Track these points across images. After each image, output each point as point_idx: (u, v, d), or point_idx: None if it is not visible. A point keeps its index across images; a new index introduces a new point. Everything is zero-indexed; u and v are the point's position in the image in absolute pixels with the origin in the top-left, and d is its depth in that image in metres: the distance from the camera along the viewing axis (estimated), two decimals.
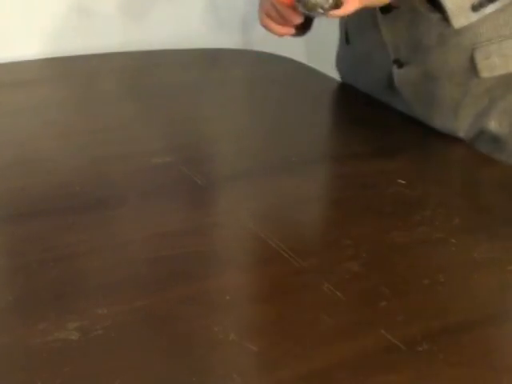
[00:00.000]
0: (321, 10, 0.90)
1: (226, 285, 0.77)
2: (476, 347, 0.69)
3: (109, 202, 0.90)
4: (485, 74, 1.04)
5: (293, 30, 0.99)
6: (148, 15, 1.52)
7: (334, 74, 1.40)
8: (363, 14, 0.97)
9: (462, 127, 1.08)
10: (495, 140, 1.07)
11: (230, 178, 0.98)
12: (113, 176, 0.98)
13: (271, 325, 0.71)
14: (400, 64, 1.03)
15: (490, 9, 0.95)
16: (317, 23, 1.03)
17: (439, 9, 0.96)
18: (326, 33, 1.18)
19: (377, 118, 1.17)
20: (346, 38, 1.20)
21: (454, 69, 1.02)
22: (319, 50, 1.58)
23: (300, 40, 1.13)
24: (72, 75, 1.35)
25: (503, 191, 0.98)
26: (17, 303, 0.72)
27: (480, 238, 0.85)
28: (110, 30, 1.48)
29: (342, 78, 1.30)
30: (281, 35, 1.00)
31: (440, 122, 1.09)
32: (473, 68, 1.03)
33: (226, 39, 1.58)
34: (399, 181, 0.97)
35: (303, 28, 1.01)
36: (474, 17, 0.95)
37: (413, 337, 0.68)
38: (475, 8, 0.94)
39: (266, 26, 1.00)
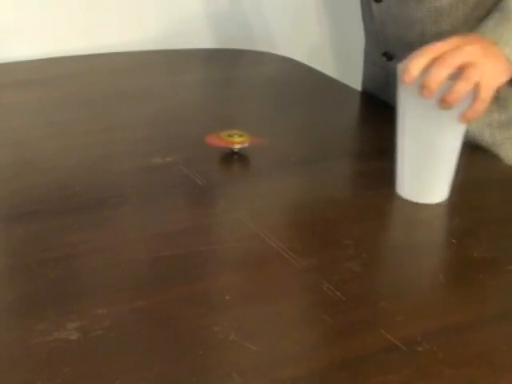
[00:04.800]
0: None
1: (225, 285, 0.77)
2: (476, 347, 0.68)
3: (109, 202, 0.90)
4: None
5: None
6: (148, 15, 1.53)
7: (334, 74, 1.41)
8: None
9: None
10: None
11: (230, 178, 0.98)
12: (113, 176, 0.98)
13: (271, 325, 0.71)
14: (389, 57, 1.05)
15: None
16: (317, 23, 1.03)
17: None
18: (326, 33, 1.17)
19: (377, 117, 1.18)
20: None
21: None
22: (319, 50, 1.59)
23: (300, 40, 1.14)
24: (72, 75, 1.35)
25: (503, 191, 0.98)
26: (16, 303, 0.72)
27: (480, 237, 0.85)
28: (110, 30, 1.48)
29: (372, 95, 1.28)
30: None
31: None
32: None
33: (226, 39, 1.58)
34: None
35: None
36: None
37: (412, 337, 0.68)
38: None
39: None
